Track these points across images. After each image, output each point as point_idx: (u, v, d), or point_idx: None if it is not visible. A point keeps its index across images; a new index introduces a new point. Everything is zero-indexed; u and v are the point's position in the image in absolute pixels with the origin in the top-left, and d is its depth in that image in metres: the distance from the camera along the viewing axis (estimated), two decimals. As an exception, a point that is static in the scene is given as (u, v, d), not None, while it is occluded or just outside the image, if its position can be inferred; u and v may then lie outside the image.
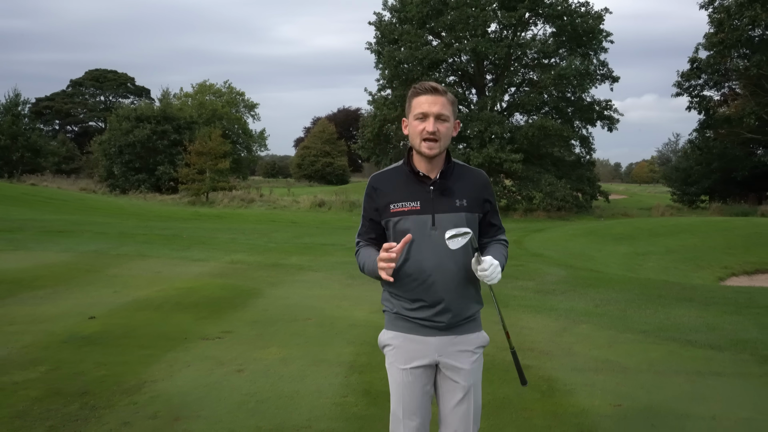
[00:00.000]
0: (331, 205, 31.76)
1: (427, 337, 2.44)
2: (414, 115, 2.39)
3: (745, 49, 34.72)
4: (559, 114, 32.62)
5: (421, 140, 2.37)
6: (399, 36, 31.16)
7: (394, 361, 2.50)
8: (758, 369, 5.20)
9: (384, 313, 2.61)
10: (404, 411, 2.45)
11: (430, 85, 2.38)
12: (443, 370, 2.47)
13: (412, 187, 2.41)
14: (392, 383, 2.51)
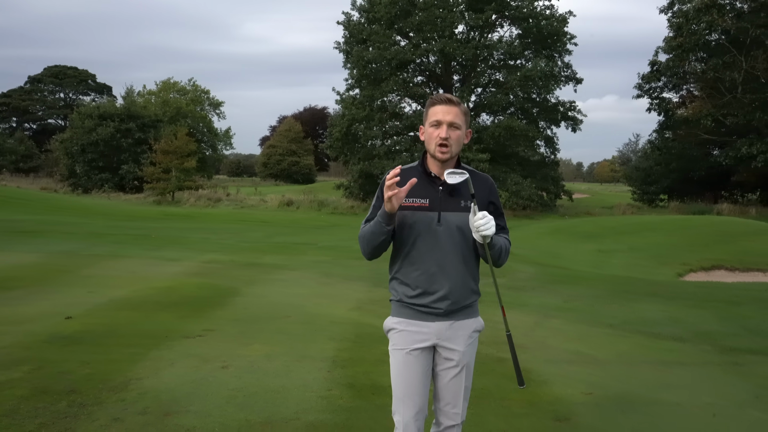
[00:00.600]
0: (300, 204, 31.73)
1: (427, 322, 2.66)
2: (430, 123, 2.63)
3: (703, 53, 35.90)
4: (525, 114, 33.21)
5: (436, 145, 2.58)
6: (368, 36, 31.32)
7: (396, 343, 2.70)
8: (719, 358, 5.52)
9: (392, 300, 2.80)
10: (404, 390, 2.65)
11: (446, 97, 2.61)
12: (440, 351, 2.70)
13: (423, 185, 2.63)
14: (393, 365, 2.71)
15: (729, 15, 34.07)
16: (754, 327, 6.63)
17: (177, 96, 69.59)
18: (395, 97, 33.10)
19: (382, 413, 4.18)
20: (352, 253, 13.87)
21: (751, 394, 4.58)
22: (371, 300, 8.27)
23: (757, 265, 15.76)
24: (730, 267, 15.69)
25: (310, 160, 79.67)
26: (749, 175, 37.61)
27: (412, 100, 33.90)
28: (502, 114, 33.20)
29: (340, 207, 31.31)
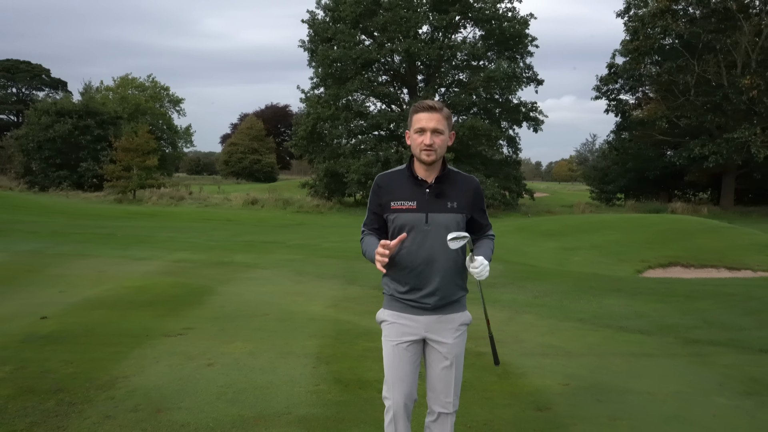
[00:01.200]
0: (265, 203, 31.57)
1: (416, 316, 2.83)
2: (414, 129, 2.76)
3: (657, 57, 37.05)
4: (488, 114, 33.73)
5: (421, 150, 2.73)
6: (333, 35, 31.34)
7: (388, 335, 2.88)
8: (683, 350, 5.84)
9: (383, 294, 2.95)
10: (394, 378, 2.84)
11: (428, 104, 2.74)
12: (430, 343, 2.87)
13: (411, 188, 2.78)
14: (385, 355, 2.89)
15: (682, 20, 35.29)
16: (713, 320, 6.99)
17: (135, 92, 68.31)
18: (360, 96, 33.22)
19: (370, 406, 4.32)
20: (322, 251, 13.96)
21: (714, 382, 4.88)
22: (346, 297, 8.39)
23: (711, 261, 16.41)
24: (686, 264, 16.31)
25: (272, 159, 79.06)
26: (701, 175, 39.01)
27: (376, 99, 34.07)
28: (465, 114, 33.65)
29: (305, 206, 31.28)
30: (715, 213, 32.76)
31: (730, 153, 33.07)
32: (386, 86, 33.62)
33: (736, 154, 33.28)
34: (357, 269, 11.06)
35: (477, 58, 32.75)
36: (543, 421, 4.05)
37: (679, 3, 35.42)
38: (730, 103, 33.70)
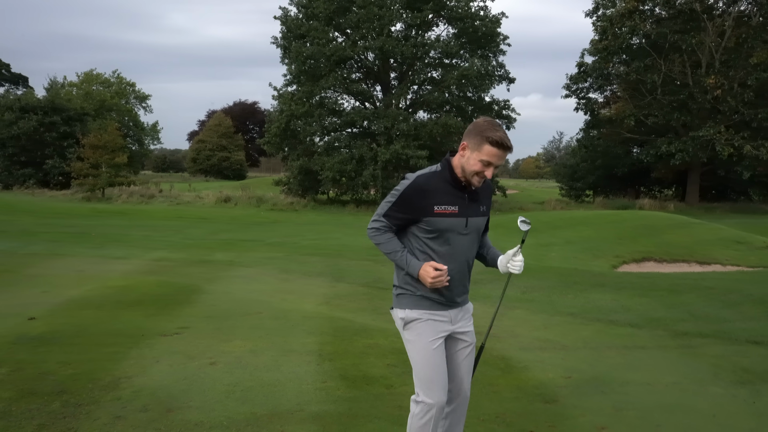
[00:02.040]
0: (238, 200, 31.26)
1: (447, 311, 2.93)
2: (481, 158, 2.78)
3: (625, 56, 37.78)
4: (460, 112, 33.92)
5: (475, 176, 2.82)
6: (306, 32, 31.16)
7: (422, 334, 2.90)
8: (673, 342, 6.01)
9: (400, 295, 2.97)
10: (436, 377, 2.88)
11: (506, 143, 2.78)
12: (454, 336, 2.99)
13: (453, 193, 2.85)
14: (422, 355, 2.90)
15: (649, 21, 36.03)
16: (698, 312, 7.21)
17: (100, 88, 66.99)
18: (334, 93, 33.11)
19: (381, 402, 4.36)
20: (303, 249, 13.93)
21: (708, 372, 5.05)
22: (336, 295, 8.40)
23: (682, 256, 16.85)
24: (659, 259, 16.72)
25: (241, 156, 78.27)
26: (667, 172, 39.93)
27: (350, 96, 33.99)
28: (438, 111, 33.80)
29: (279, 203, 31.08)
30: (681, 209, 33.56)
31: (695, 151, 33.93)
32: (360, 83, 33.55)
33: (701, 152, 34.15)
34: (342, 267, 11.09)
35: (450, 56, 32.92)
36: (552, 413, 4.15)
37: (646, 4, 36.15)
38: (696, 102, 34.55)
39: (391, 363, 5.24)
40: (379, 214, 2.92)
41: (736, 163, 34.08)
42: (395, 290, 3.01)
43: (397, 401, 4.35)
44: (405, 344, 2.99)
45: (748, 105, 33.37)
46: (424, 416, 2.89)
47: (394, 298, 3.02)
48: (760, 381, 4.82)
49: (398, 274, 2.99)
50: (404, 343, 2.99)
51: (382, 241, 2.90)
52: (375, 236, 2.91)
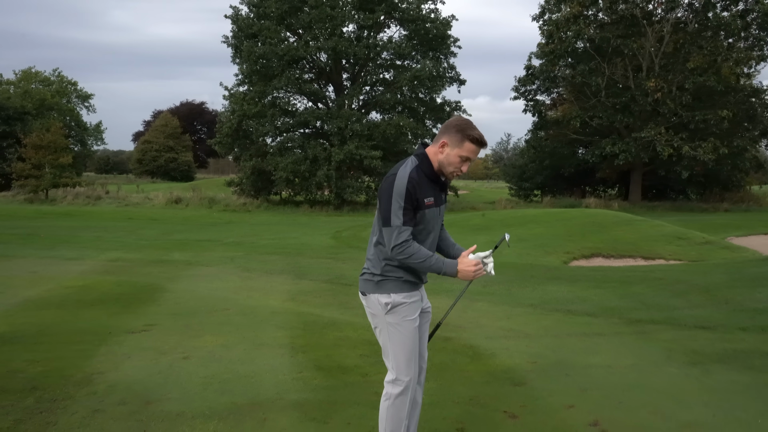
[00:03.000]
0: (189, 201, 30.75)
1: (418, 291, 3.18)
2: (460, 153, 3.00)
3: (571, 59, 38.92)
4: (412, 113, 34.26)
5: (454, 171, 3.05)
6: (258, 31, 30.91)
7: (407, 314, 3.08)
8: (628, 329, 6.35)
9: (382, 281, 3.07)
10: (412, 354, 3.09)
11: (483, 140, 3.04)
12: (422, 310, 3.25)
13: (432, 186, 3.06)
14: (405, 335, 3.06)
15: (593, 25, 37.23)
16: (649, 301, 7.61)
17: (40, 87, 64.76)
18: (286, 93, 32.96)
19: (359, 389, 4.48)
20: (262, 248, 13.89)
21: (662, 355, 5.37)
22: (301, 291, 8.46)
23: (628, 252, 17.53)
24: (606, 254, 17.35)
25: (189, 157, 76.81)
26: (611, 172, 41.32)
27: (303, 96, 33.89)
28: (391, 112, 34.06)
29: (231, 204, 30.72)
30: (624, 207, 34.76)
31: (638, 151, 35.24)
32: (312, 84, 33.47)
33: (643, 152, 35.49)
34: (303, 264, 11.13)
35: (402, 58, 33.24)
36: (522, 394, 4.36)
37: (590, 9, 37.34)
38: (637, 105, 35.88)
39: (363, 353, 5.37)
40: (398, 224, 2.92)
41: (676, 163, 35.54)
42: (374, 278, 3.08)
43: (373, 388, 4.46)
44: (385, 327, 3.07)
45: (685, 107, 34.87)
46: (402, 393, 3.05)
47: (371, 284, 3.09)
48: (710, 361, 5.16)
49: (377, 262, 3.08)
50: (384, 326, 3.08)
51: (414, 252, 2.94)
52: (406, 249, 2.92)
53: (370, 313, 3.15)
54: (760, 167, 43.48)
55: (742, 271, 9.75)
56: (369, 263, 3.13)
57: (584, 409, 4.05)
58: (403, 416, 3.06)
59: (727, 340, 5.87)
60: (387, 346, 3.09)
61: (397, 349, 3.06)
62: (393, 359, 3.07)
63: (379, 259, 3.07)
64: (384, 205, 2.96)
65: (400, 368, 3.06)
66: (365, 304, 3.17)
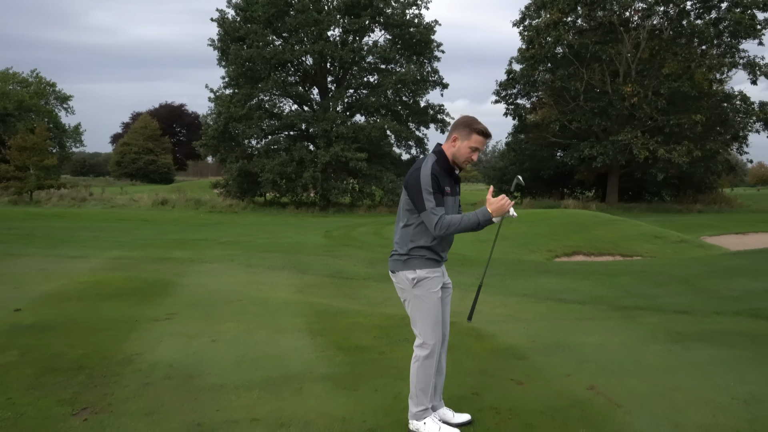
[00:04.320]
0: (175, 203, 30.95)
1: (440, 267, 3.67)
2: (470, 145, 3.54)
3: (551, 64, 39.85)
4: (396, 116, 34.84)
5: (466, 161, 3.58)
6: (245, 35, 31.25)
7: (431, 287, 3.58)
8: (615, 314, 6.92)
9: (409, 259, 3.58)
10: (438, 321, 3.59)
11: (488, 132, 3.57)
12: (444, 285, 3.74)
13: (449, 177, 3.59)
14: (430, 304, 3.57)
15: (572, 32, 38.20)
16: (633, 291, 8.21)
17: (18, 88, 64.11)
18: (273, 96, 33.33)
19: (377, 364, 4.97)
20: (258, 247, 14.29)
21: (648, 334, 5.94)
22: (306, 285, 8.92)
23: (608, 250, 18.28)
24: (587, 252, 18.07)
25: (169, 159, 76.51)
26: (588, 174, 42.37)
27: (289, 99, 34.29)
28: (375, 115, 34.60)
29: (218, 205, 30.98)
30: (602, 209, 35.66)
31: (615, 154, 36.22)
32: (297, 86, 33.87)
33: (620, 155, 36.48)
34: (303, 261, 11.58)
35: (387, 62, 33.81)
36: (525, 366, 4.88)
37: (569, 16, 38.29)
38: (614, 109, 36.90)
39: (377, 335, 5.86)
40: (432, 207, 3.42)
41: (651, 165, 36.59)
42: (402, 257, 3.59)
43: (392, 363, 4.98)
44: (412, 299, 3.58)
45: (661, 112, 35.93)
46: (429, 356, 3.57)
47: (399, 263, 3.60)
48: (690, 340, 5.74)
49: (404, 244, 3.59)
50: (411, 298, 3.59)
51: (450, 223, 3.43)
52: (442, 224, 3.41)
53: (399, 288, 3.65)
54: (731, 170, 44.83)
55: (717, 264, 10.44)
56: (397, 245, 3.64)
57: (581, 378, 4.59)
58: (430, 375, 3.57)
59: (704, 322, 6.47)
60: (415, 315, 3.60)
61: (423, 317, 3.57)
62: (420, 326, 3.58)
63: (405, 241, 3.58)
64: (416, 196, 3.46)
65: (427, 333, 3.56)
66: (395, 281, 3.67)
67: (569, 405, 4.02)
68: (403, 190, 3.60)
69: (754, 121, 37.92)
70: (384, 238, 16.84)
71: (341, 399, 4.16)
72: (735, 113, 38.86)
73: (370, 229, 19.70)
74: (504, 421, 3.76)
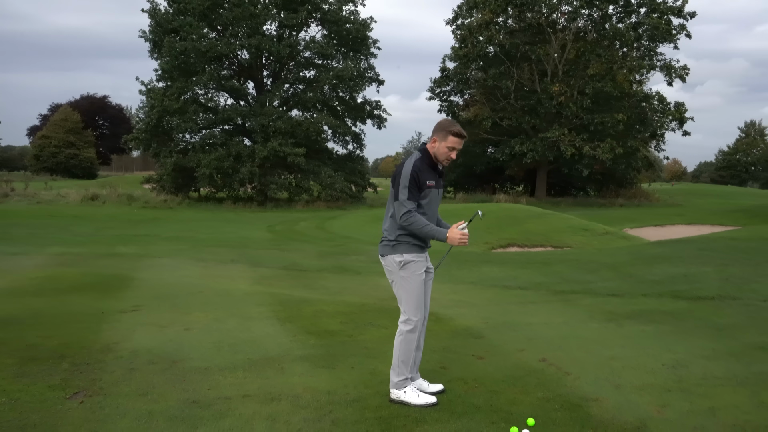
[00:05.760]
0: (106, 199, 30.10)
1: (424, 253, 4.15)
2: (447, 145, 4.01)
3: (482, 63, 41.08)
4: (333, 112, 35.10)
5: (445, 159, 4.05)
6: (178, 27, 30.70)
7: (416, 270, 4.05)
8: (555, 297, 7.60)
9: (397, 244, 4.04)
10: (421, 300, 4.06)
11: (463, 133, 4.05)
12: (427, 269, 4.21)
13: (432, 172, 4.06)
14: (414, 285, 4.04)
15: (503, 32, 39.53)
16: (568, 277, 8.95)
17: None
18: (209, 90, 32.91)
19: (349, 345, 5.38)
20: (204, 242, 14.35)
21: (585, 314, 6.62)
22: (262, 277, 9.20)
23: (540, 242, 19.27)
24: (521, 244, 18.99)
25: (92, 153, 73.41)
26: (519, 170, 44.01)
27: (225, 93, 33.92)
28: (312, 110, 34.74)
29: (151, 201, 30.33)
30: (532, 203, 37.16)
31: (543, 150, 37.83)
32: (231, 80, 33.52)
33: (548, 152, 38.13)
34: (253, 255, 11.81)
35: (324, 57, 34.00)
36: (483, 344, 5.41)
37: (500, 16, 39.59)
38: (543, 107, 38.50)
39: (342, 321, 6.27)
40: (403, 200, 3.90)
41: (577, 161, 38.42)
42: (390, 242, 4.06)
43: (362, 344, 5.41)
44: (399, 280, 4.06)
45: (586, 111, 37.77)
46: (412, 330, 4.05)
47: (388, 248, 4.07)
48: (622, 318, 6.45)
49: (392, 231, 4.05)
50: (398, 279, 4.06)
51: (415, 221, 3.91)
52: (408, 218, 3.89)
53: (387, 270, 4.10)
54: (650, 166, 47.55)
55: (641, 253, 11.41)
56: (386, 233, 4.08)
57: (533, 352, 5.16)
58: (412, 348, 4.04)
59: (633, 303, 7.23)
60: (401, 294, 4.05)
61: (408, 295, 4.04)
62: (405, 304, 4.03)
63: (393, 228, 4.04)
64: (396, 186, 3.97)
65: (411, 310, 4.03)
66: (384, 263, 4.11)
67: (526, 374, 4.57)
68: (391, 182, 4.07)
69: (671, 120, 40.40)
70: (328, 232, 17.18)
71: (322, 376, 4.55)
72: (653, 113, 41.23)
73: (313, 223, 19.98)
74: (472, 389, 4.25)
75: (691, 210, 34.22)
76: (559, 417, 3.77)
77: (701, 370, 4.65)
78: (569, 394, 4.15)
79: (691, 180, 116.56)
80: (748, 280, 8.35)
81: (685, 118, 39.75)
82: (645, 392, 4.18)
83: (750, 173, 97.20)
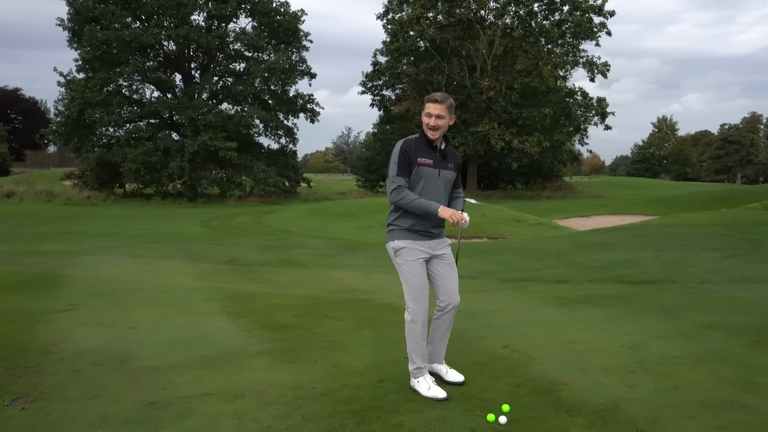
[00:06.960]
0: (24, 195, 28.41)
1: (425, 241, 3.94)
2: (424, 113, 3.85)
3: (414, 58, 41.34)
4: (265, 105, 34.44)
5: (427, 128, 3.85)
6: (100, 15, 29.24)
7: (407, 257, 3.89)
8: (505, 285, 7.67)
9: (392, 230, 3.94)
10: (420, 288, 3.91)
11: (434, 97, 3.85)
12: (436, 257, 4.00)
13: (429, 150, 3.87)
14: (407, 272, 3.90)
15: (434, 27, 39.89)
16: (515, 266, 9.07)
17: None
18: (133, 81, 31.52)
19: (308, 339, 5.21)
20: (138, 238, 13.73)
21: (537, 301, 6.70)
22: (205, 272, 8.85)
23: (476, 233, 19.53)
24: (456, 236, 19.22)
25: (4, 149, 69.26)
26: (450, 164, 44.49)
27: (151, 85, 32.60)
28: (243, 104, 33.95)
29: (74, 198, 28.82)
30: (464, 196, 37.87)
31: (474, 144, 38.48)
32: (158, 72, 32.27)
33: (479, 145, 38.82)
34: (191, 250, 11.36)
35: (254, 50, 33.25)
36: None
37: (430, 11, 39.92)
38: (473, 102, 39.14)
39: (297, 314, 6.08)
40: (393, 176, 3.77)
41: (507, 155, 39.32)
42: (387, 230, 3.98)
43: (322, 337, 5.25)
44: (396, 268, 3.96)
45: (514, 105, 38.68)
46: (413, 320, 3.93)
47: (387, 235, 4.00)
48: (573, 303, 6.57)
49: (389, 218, 3.95)
50: (396, 267, 3.97)
51: (404, 195, 3.75)
52: (398, 193, 3.75)
53: (391, 258, 3.98)
54: (575, 159, 49.27)
55: (581, 240, 11.73)
56: (388, 216, 3.98)
57: (495, 339, 5.15)
58: (417, 338, 3.93)
59: (581, 288, 7.38)
60: (401, 282, 3.95)
61: (404, 283, 3.94)
62: (405, 292, 3.94)
63: (389, 215, 3.97)
64: (388, 165, 3.87)
65: (411, 297, 3.92)
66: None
67: (492, 361, 4.55)
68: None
69: (593, 114, 41.96)
70: (266, 227, 16.81)
71: (285, 370, 4.37)
72: (577, 107, 42.71)
73: (249, 218, 19.50)
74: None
75: (613, 201, 35.68)
76: (533, 402, 3.75)
77: (659, 350, 4.76)
78: (538, 378, 4.16)
79: (609, 173, 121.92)
80: (684, 264, 8.71)
81: (606, 112, 41.37)
82: (610, 374, 4.23)
83: (662, 166, 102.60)
